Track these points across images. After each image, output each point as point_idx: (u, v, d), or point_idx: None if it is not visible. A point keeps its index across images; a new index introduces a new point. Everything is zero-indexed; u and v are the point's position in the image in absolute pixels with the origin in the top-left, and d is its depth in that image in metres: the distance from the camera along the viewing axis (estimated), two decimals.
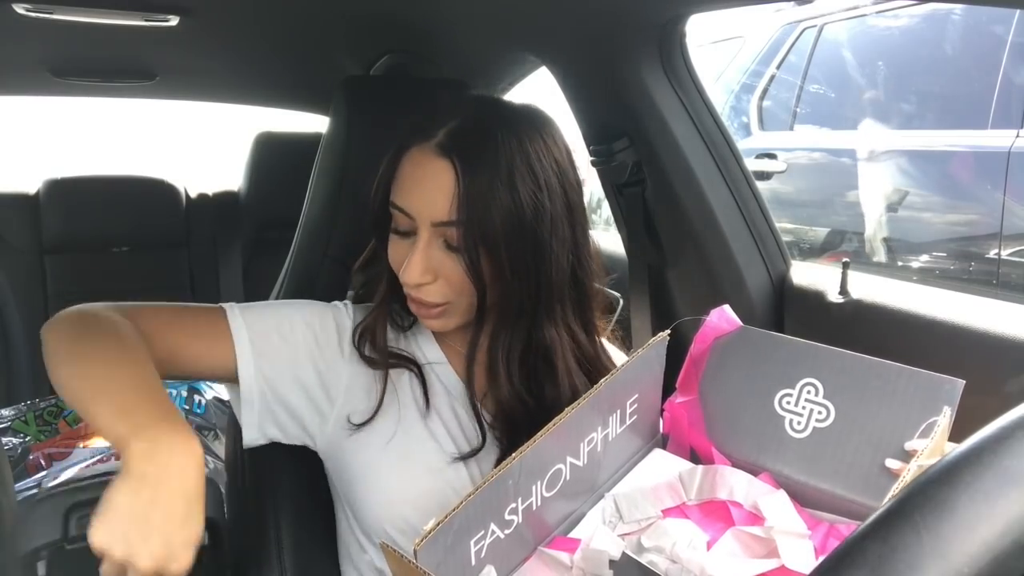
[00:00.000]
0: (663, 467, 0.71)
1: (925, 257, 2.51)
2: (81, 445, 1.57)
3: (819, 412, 0.65)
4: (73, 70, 1.58)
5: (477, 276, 0.76)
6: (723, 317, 0.72)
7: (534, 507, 0.60)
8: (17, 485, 1.47)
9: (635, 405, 0.69)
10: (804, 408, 0.66)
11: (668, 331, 0.70)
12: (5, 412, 1.66)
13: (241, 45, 1.47)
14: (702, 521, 0.63)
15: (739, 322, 0.72)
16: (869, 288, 1.07)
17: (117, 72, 1.63)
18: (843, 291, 1.09)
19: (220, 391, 1.79)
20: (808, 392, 0.66)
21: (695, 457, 0.72)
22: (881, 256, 2.63)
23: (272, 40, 1.41)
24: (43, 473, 1.51)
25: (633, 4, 1.07)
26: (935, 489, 0.31)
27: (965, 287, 2.29)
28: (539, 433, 0.58)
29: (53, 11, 1.09)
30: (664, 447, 0.75)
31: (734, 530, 0.61)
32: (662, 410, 0.74)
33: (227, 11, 1.21)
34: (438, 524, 0.51)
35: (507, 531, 0.58)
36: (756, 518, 0.62)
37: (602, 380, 0.63)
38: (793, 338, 0.68)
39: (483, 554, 0.56)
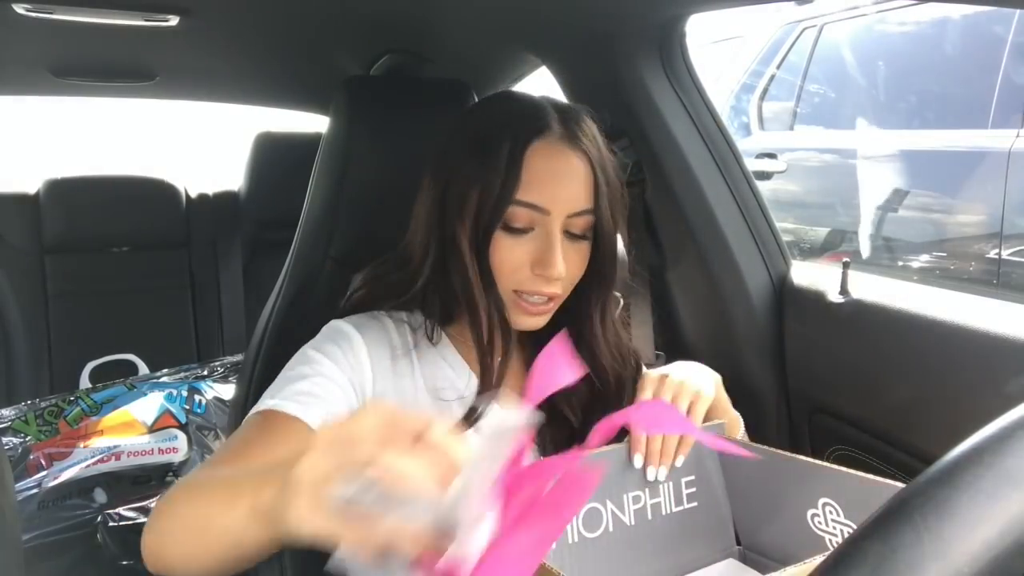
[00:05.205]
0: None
1: (925, 257, 2.50)
2: (81, 445, 1.57)
3: (848, 532, 0.64)
4: (73, 70, 1.58)
5: (605, 262, 0.78)
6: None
7: (569, 540, 0.58)
8: (17, 485, 1.47)
9: (693, 489, 0.67)
10: (835, 528, 0.65)
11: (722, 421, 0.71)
12: (5, 412, 1.65)
13: (241, 45, 1.47)
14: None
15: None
16: (869, 288, 1.07)
17: (117, 72, 1.63)
18: (843, 291, 1.08)
19: (220, 391, 1.79)
20: (830, 512, 0.64)
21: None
22: (881, 256, 2.63)
23: (272, 40, 1.41)
24: (43, 473, 1.51)
25: (633, 4, 1.07)
26: (935, 489, 0.31)
27: (965, 287, 2.29)
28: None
29: (53, 11, 1.09)
30: (743, 561, 0.72)
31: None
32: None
33: (227, 11, 1.21)
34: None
35: None
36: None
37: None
38: (792, 456, 0.66)
39: None
